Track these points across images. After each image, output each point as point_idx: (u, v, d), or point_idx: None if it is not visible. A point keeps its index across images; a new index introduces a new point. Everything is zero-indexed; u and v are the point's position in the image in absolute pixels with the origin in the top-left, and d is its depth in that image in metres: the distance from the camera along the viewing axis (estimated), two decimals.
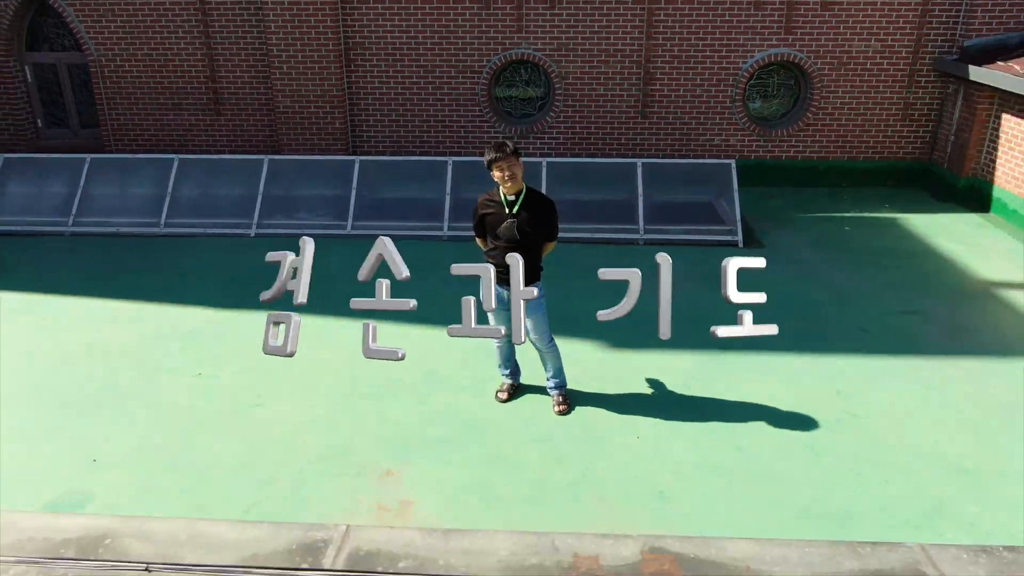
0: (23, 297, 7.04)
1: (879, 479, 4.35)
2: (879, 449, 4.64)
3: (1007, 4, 9.18)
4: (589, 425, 4.92)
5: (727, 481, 4.31)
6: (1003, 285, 7.17)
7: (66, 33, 10.37)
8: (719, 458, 4.54)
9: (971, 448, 4.70)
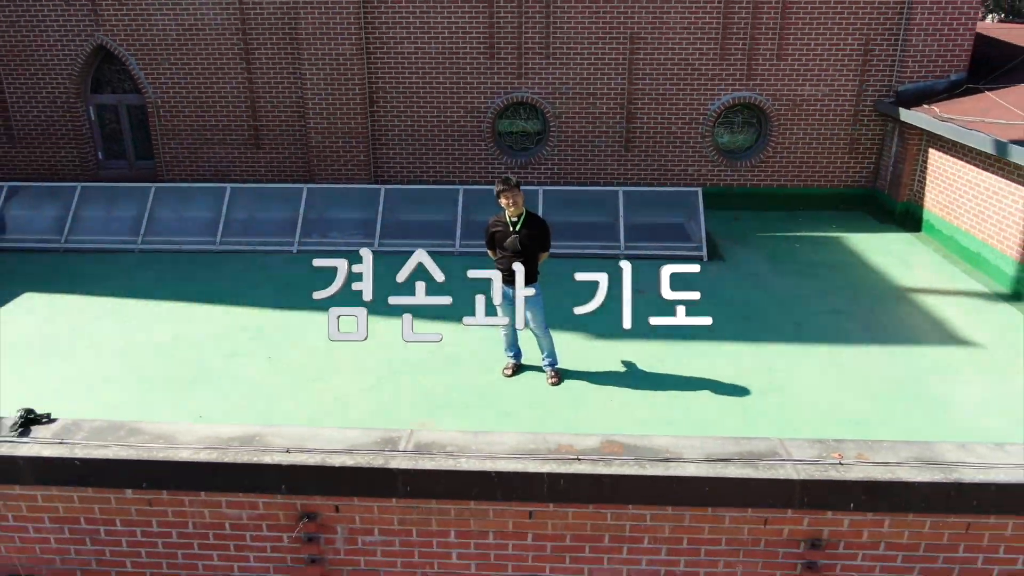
0: (111, 300, 8.60)
1: (791, 428, 5.87)
2: (795, 409, 6.18)
3: (934, 55, 10.87)
4: (575, 393, 6.46)
5: (675, 429, 5.84)
6: (916, 290, 8.76)
7: (127, 78, 12.02)
8: (671, 415, 6.08)
9: (866, 409, 6.24)
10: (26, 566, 4.40)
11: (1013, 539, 4.00)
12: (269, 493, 4.15)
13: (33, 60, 11.80)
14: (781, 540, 4.07)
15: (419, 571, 4.27)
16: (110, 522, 4.28)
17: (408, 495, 4.08)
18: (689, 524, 4.06)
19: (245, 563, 4.32)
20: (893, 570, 4.09)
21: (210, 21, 11.39)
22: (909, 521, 4.00)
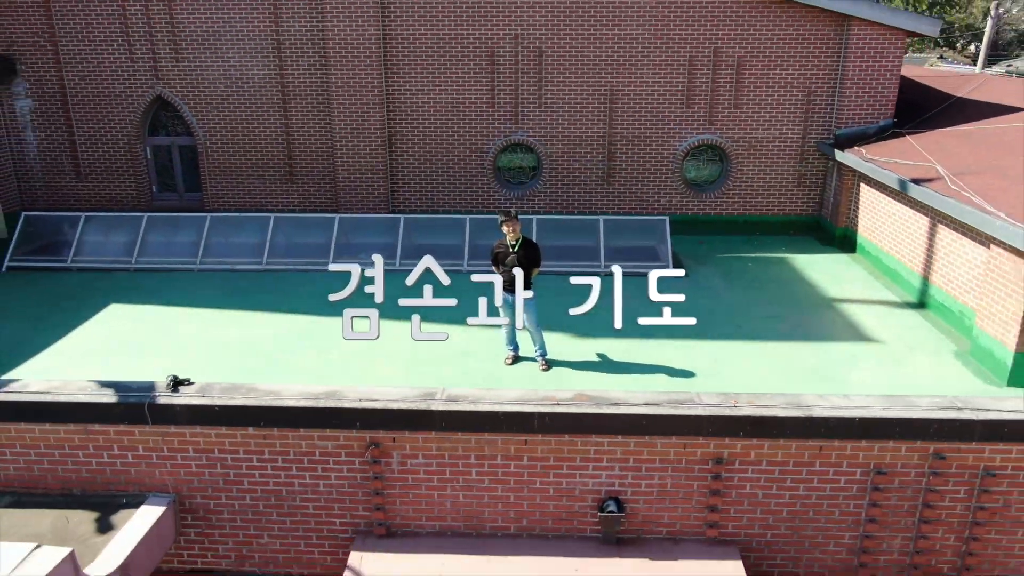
0: (181, 309, 10.57)
1: None
2: (730, 387, 8.12)
3: (865, 104, 13.00)
4: (561, 376, 8.42)
5: None
6: (841, 300, 10.78)
7: (180, 123, 14.09)
8: (631, 388, 8.04)
9: (784, 387, 8.18)
10: (174, 484, 6.33)
11: (851, 456, 5.96)
12: (347, 429, 6.10)
13: (100, 108, 13.87)
14: (696, 458, 6.03)
15: (448, 484, 6.21)
16: (235, 451, 6.23)
17: (442, 429, 6.04)
18: (633, 448, 6.02)
19: (328, 480, 6.26)
20: (771, 479, 6.05)
21: (254, 76, 13.49)
22: (780, 444, 5.96)
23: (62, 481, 6.37)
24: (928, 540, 6.16)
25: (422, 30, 13.05)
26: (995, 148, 10.88)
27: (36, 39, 13.55)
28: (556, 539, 6.26)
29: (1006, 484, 5.98)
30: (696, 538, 6.22)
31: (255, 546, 6.55)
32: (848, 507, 6.11)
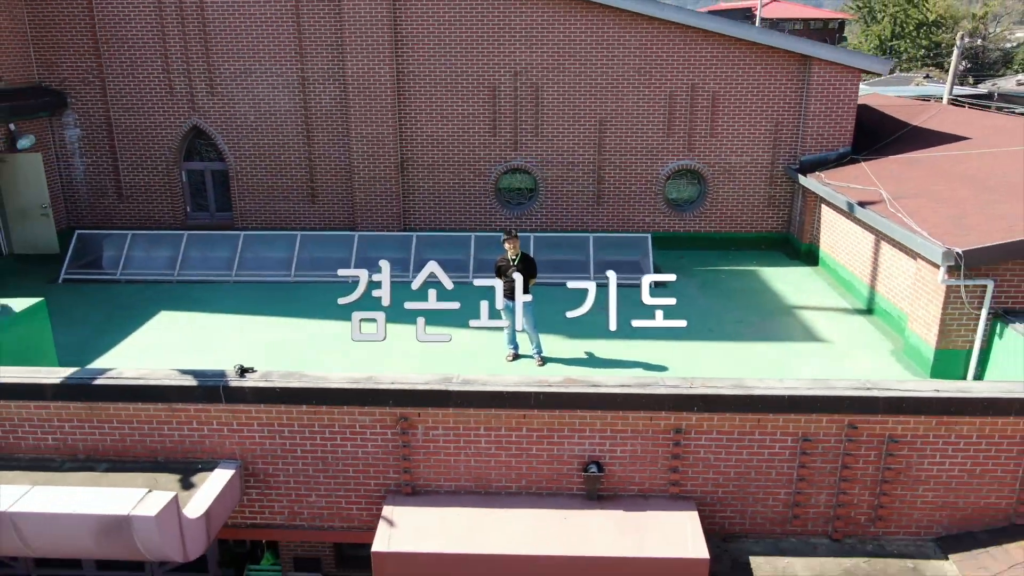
0: (222, 316, 12.14)
1: None
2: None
3: (826, 134, 14.64)
4: (555, 370, 9.98)
5: None
6: (800, 307, 12.37)
7: (213, 150, 15.71)
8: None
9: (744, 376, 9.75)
10: (240, 453, 7.86)
11: (783, 427, 7.51)
12: (381, 406, 7.64)
13: (141, 136, 15.49)
14: (660, 429, 7.58)
15: (462, 451, 7.75)
16: (290, 425, 7.77)
17: (458, 406, 7.58)
18: (610, 421, 7.56)
19: (365, 448, 7.80)
20: (720, 446, 7.59)
21: (281, 108, 15.13)
22: (727, 417, 7.51)
23: (150, 451, 7.90)
24: (847, 495, 7.68)
25: (431, 67, 14.71)
26: (933, 174, 12.51)
27: (85, 75, 15.19)
28: (548, 495, 7.78)
29: (907, 449, 7.52)
30: (661, 494, 7.75)
31: (304, 504, 8.07)
32: (782, 469, 7.65)
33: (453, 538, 7.39)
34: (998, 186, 11.22)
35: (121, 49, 15.05)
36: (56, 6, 14.84)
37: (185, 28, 14.85)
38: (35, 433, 7.99)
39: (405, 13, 14.47)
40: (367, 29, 14.37)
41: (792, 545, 7.90)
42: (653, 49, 14.53)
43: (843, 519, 7.81)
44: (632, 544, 7.27)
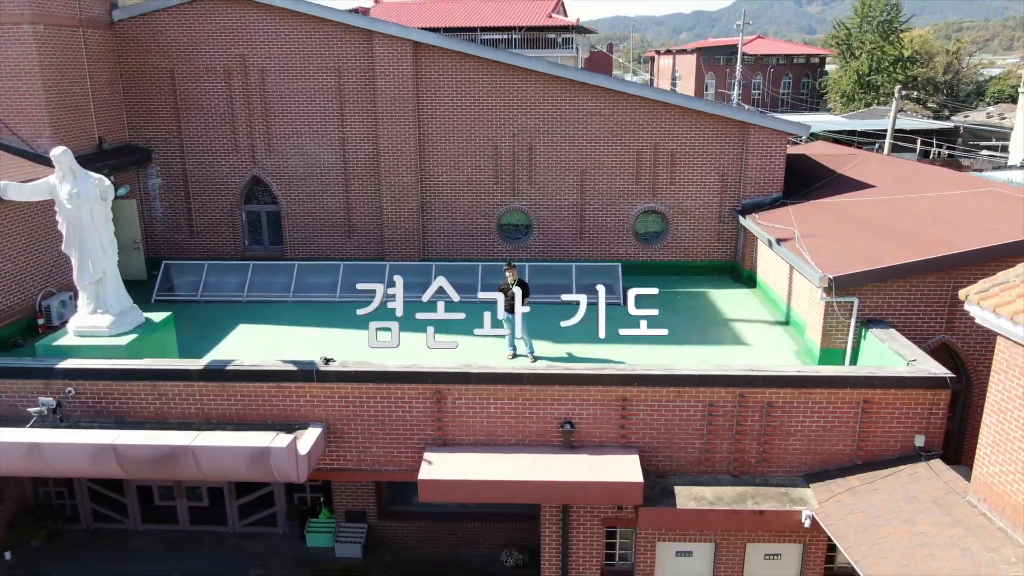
0: (284, 327, 15.81)
1: None
2: None
3: (761, 182, 18.43)
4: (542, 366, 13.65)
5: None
6: (737, 320, 16.07)
7: (268, 195, 19.49)
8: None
9: None
10: (325, 417, 11.51)
11: (695, 396, 11.18)
12: (423, 384, 11.31)
13: (210, 184, 19.27)
14: (612, 398, 11.25)
15: (477, 415, 11.40)
16: (360, 397, 11.43)
17: (475, 383, 11.26)
18: (578, 393, 11.24)
19: (411, 413, 11.46)
20: (653, 411, 11.25)
21: (324, 162, 18.94)
22: (657, 391, 11.18)
23: (263, 416, 11.53)
24: (741, 444, 11.33)
25: (446, 130, 18.56)
26: (837, 217, 16.29)
27: (167, 135, 19.02)
28: (537, 445, 11.43)
29: (779, 412, 11.17)
30: (614, 444, 11.39)
31: (367, 453, 11.70)
32: (696, 426, 11.30)
33: (471, 471, 11.05)
34: (878, 228, 14.98)
35: (196, 114, 18.88)
36: (145, 81, 18.68)
37: (249, 98, 18.69)
38: (182, 404, 11.65)
39: (425, 89, 18.32)
40: (395, 101, 18.22)
41: (704, 479, 11.56)
42: (623, 117, 18.38)
43: (739, 461, 11.48)
44: (594, 474, 10.94)
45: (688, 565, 12.34)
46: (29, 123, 16.22)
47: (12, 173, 14.86)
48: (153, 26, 18.40)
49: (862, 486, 11.05)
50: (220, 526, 15.56)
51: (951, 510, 10.09)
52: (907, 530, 9.94)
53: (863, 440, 11.36)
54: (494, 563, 14.55)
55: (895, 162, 21.91)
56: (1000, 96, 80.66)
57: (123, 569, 14.45)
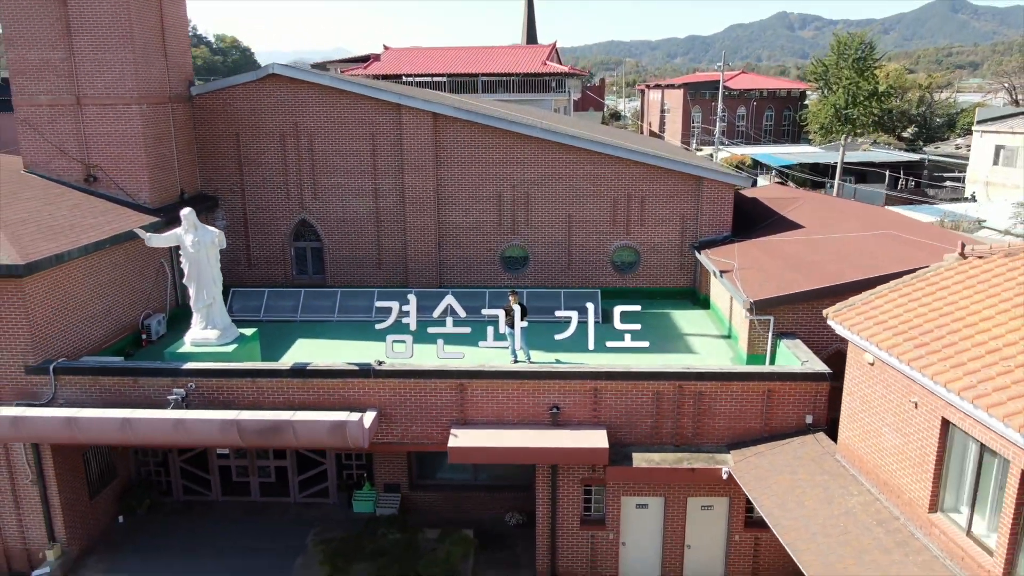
0: (335, 340, 20.24)
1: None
2: None
3: (713, 223, 22.98)
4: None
5: None
6: (691, 334, 20.58)
7: (313, 234, 24.02)
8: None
9: None
10: (378, 403, 15.92)
11: (647, 387, 15.64)
12: (449, 379, 15.77)
13: (266, 226, 23.78)
14: (587, 389, 15.72)
15: (490, 401, 15.81)
16: (404, 390, 15.88)
17: (488, 378, 15.71)
18: (563, 385, 15.70)
19: (441, 400, 15.88)
20: (618, 398, 15.69)
21: (359, 207, 23.49)
22: (620, 383, 15.65)
23: (333, 402, 15.92)
24: (680, 423, 15.76)
25: (459, 181, 23.17)
26: (770, 253, 20.83)
27: (231, 185, 23.58)
28: (532, 423, 15.85)
29: (708, 399, 15.60)
30: (588, 422, 15.81)
31: (409, 430, 16.09)
32: (648, 409, 15.73)
33: (486, 440, 15.50)
34: (795, 262, 19.50)
35: (256, 169, 23.44)
36: (215, 142, 23.26)
37: (299, 155, 23.27)
38: (274, 395, 16.05)
39: (442, 149, 22.93)
40: (418, 159, 22.83)
41: (654, 448, 16.01)
42: (602, 170, 22.99)
43: (679, 435, 15.92)
44: (574, 442, 15.37)
45: (645, 516, 16.73)
46: (133, 181, 20.77)
47: (122, 220, 19.42)
48: (223, 99, 23.04)
49: (766, 451, 15.49)
50: (284, 497, 19.92)
51: (822, 465, 14.55)
52: (790, 478, 14.39)
53: (768, 419, 15.82)
54: (500, 523, 18.92)
55: (828, 204, 26.56)
56: (969, 128, 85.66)
57: (209, 531, 18.76)
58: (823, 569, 11.93)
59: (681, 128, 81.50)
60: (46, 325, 16.48)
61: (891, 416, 12.88)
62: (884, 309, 13.54)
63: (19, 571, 17.55)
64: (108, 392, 16.27)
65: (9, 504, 17.16)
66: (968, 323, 12.09)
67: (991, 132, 51.57)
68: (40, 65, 20.06)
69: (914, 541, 12.00)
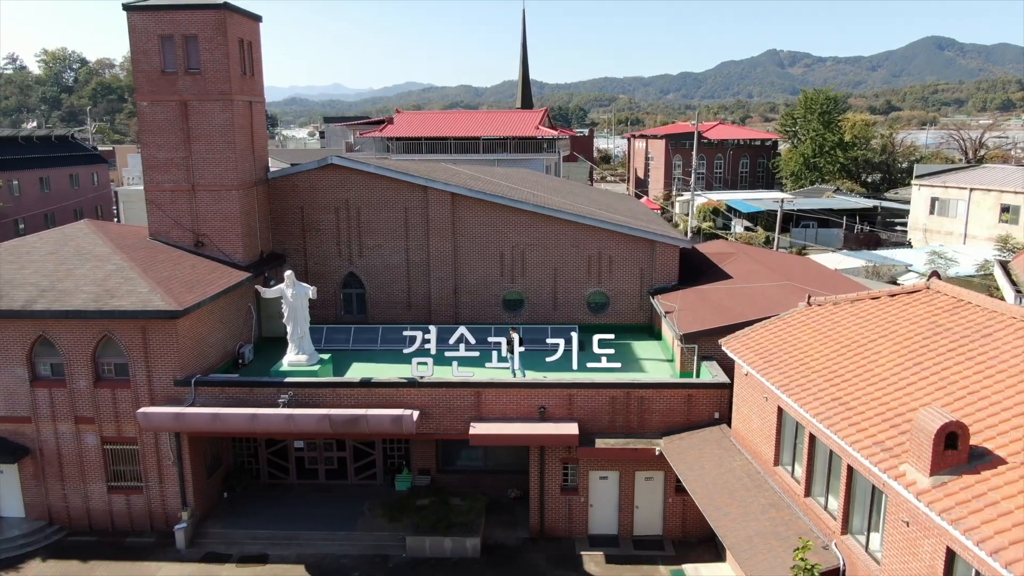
0: (380, 363, 27.68)
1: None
2: None
3: (664, 274, 30.60)
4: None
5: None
6: (645, 359, 28.06)
7: (358, 282, 31.55)
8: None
9: None
10: (419, 405, 23.30)
11: (602, 393, 23.10)
12: (470, 389, 23.22)
13: (321, 276, 31.31)
14: (563, 394, 23.16)
15: (500, 401, 23.21)
16: (437, 395, 23.31)
17: (496, 388, 23.17)
18: (547, 392, 23.13)
19: (465, 403, 23.30)
20: (586, 401, 23.12)
21: (394, 263, 31.07)
22: (586, 391, 23.10)
23: (391, 404, 23.25)
24: (628, 418, 23.13)
25: (471, 243, 30.87)
26: (703, 298, 28.42)
27: (296, 245, 31.24)
28: (527, 418, 23.22)
29: (647, 400, 23.00)
30: (566, 417, 23.17)
31: (441, 424, 23.43)
32: (606, 408, 23.12)
33: (496, 430, 22.90)
34: (719, 307, 27.03)
35: (315, 233, 31.03)
36: (284, 212, 30.89)
37: (349, 223, 30.89)
38: (348, 400, 23.45)
39: (458, 218, 30.61)
40: (440, 226, 30.49)
41: (610, 435, 23.42)
42: (579, 235, 30.63)
43: (627, 426, 23.36)
44: (556, 431, 22.79)
45: (606, 485, 24.05)
46: (230, 245, 28.33)
47: (228, 276, 26.95)
48: (291, 181, 30.75)
49: (686, 436, 22.88)
50: (343, 480, 27.19)
51: (720, 444, 21.97)
52: (698, 453, 21.79)
53: (689, 415, 23.24)
54: (503, 497, 26.21)
55: (757, 257, 34.27)
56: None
57: (288, 504, 25.98)
58: (708, 502, 19.30)
59: (664, 175, 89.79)
60: (187, 352, 23.89)
61: (756, 407, 20.34)
62: (753, 339, 21.08)
63: (159, 529, 24.75)
64: (231, 398, 23.62)
65: (155, 480, 24.43)
66: (798, 348, 19.62)
67: (927, 186, 59.61)
68: (166, 162, 27.73)
69: (766, 484, 19.38)
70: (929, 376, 16.08)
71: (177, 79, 27.07)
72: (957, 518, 12.28)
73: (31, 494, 24.91)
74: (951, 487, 12.84)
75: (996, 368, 15.46)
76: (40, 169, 62.33)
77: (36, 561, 23.42)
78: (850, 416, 15.93)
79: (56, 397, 24.05)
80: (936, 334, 17.49)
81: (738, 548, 17.43)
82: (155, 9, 26.60)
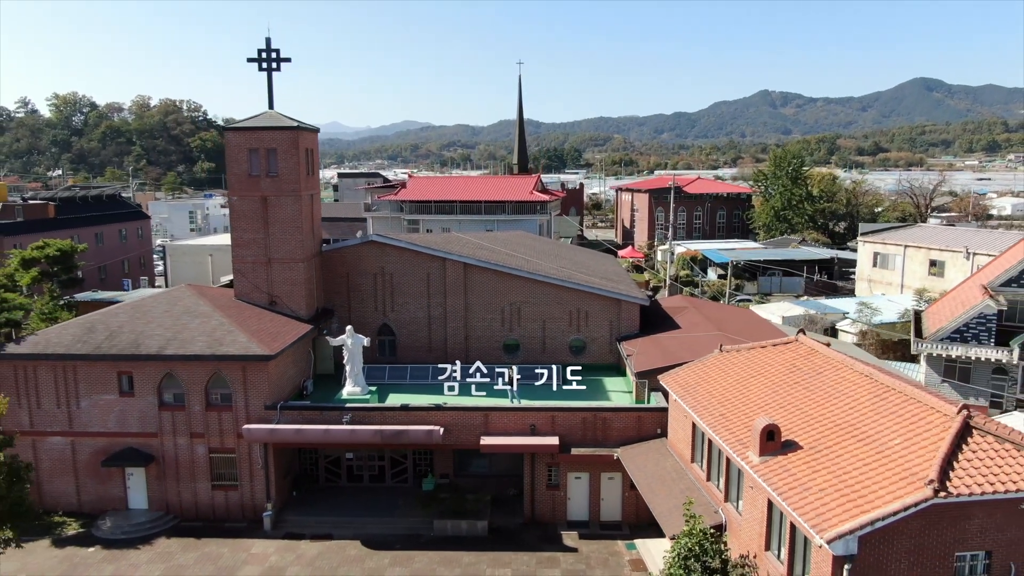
0: (413, 394, 36.90)
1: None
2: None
3: (628, 323, 39.95)
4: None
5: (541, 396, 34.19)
6: (612, 391, 37.34)
7: (390, 332, 40.84)
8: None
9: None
10: (442, 424, 32.44)
11: (573, 416, 32.33)
12: (479, 412, 32.42)
13: (362, 327, 40.54)
14: (548, 416, 32.36)
15: (500, 421, 32.36)
16: (456, 416, 32.54)
17: (499, 411, 32.40)
18: (537, 414, 32.34)
19: (474, 422, 32.47)
20: (565, 421, 32.30)
21: (419, 316, 40.44)
22: (564, 413, 32.31)
23: (423, 422, 32.31)
24: (594, 432, 32.21)
25: (479, 301, 40.45)
26: (656, 344, 37.81)
27: (341, 301, 40.70)
28: (522, 433, 32.31)
29: (608, 421, 32.08)
30: (549, 432, 32.26)
31: (460, 438, 32.47)
32: (579, 426, 32.24)
33: (499, 441, 32.08)
34: (666, 351, 36.29)
35: (357, 292, 40.41)
36: (333, 277, 40.29)
37: (384, 285, 40.30)
38: (391, 420, 32.61)
39: (469, 281, 40.06)
40: (454, 288, 39.92)
41: (582, 445, 32.58)
42: (562, 294, 40.04)
43: (594, 438, 32.56)
44: (542, 443, 32.01)
45: (580, 483, 33.15)
46: (295, 303, 37.67)
47: (297, 328, 36.25)
48: (340, 253, 40.27)
49: (637, 447, 32.02)
50: (382, 483, 36.23)
51: (660, 451, 31.18)
52: (644, 458, 31.00)
53: (639, 431, 32.42)
54: (504, 494, 35.22)
55: (705, 310, 43.67)
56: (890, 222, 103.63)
57: (342, 500, 34.99)
58: (647, 488, 28.44)
59: (647, 226, 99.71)
60: (273, 385, 33.06)
61: (680, 423, 29.55)
62: (680, 375, 30.38)
63: (248, 517, 33.68)
64: (305, 419, 32.71)
65: (247, 480, 33.44)
66: (707, 382, 28.89)
67: (870, 242, 69.38)
68: (249, 240, 37.18)
69: (685, 476, 28.51)
70: (778, 399, 25.39)
71: (260, 180, 36.66)
72: (771, 481, 21.47)
73: (153, 491, 33.91)
74: (771, 464, 22.06)
75: (817, 395, 24.78)
76: (95, 226, 71.93)
77: (163, 539, 32.34)
78: (729, 426, 25.19)
79: (177, 418, 33.18)
80: (791, 373, 26.84)
81: (662, 515, 26.54)
82: (246, 130, 36.31)
